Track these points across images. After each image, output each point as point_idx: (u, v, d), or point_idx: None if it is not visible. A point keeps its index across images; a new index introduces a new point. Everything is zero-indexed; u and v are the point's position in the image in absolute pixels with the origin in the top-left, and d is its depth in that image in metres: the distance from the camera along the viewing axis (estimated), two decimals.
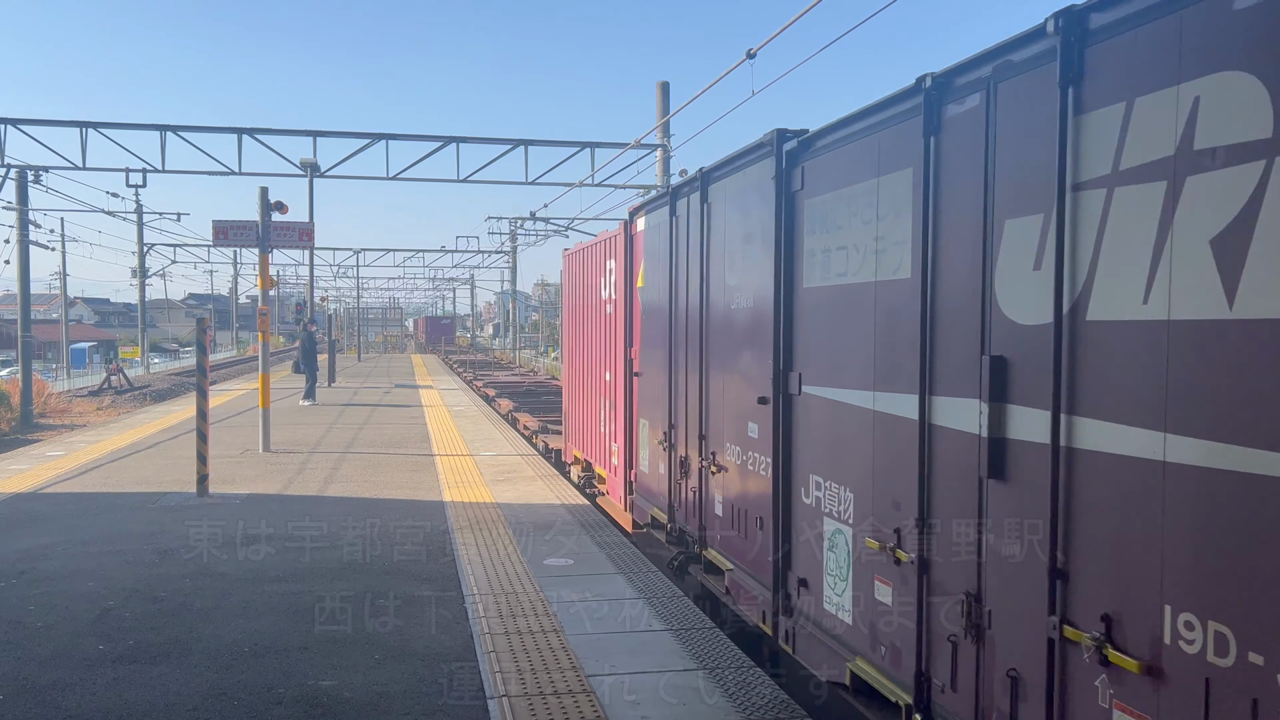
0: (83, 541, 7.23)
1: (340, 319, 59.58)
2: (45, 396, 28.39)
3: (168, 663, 4.65)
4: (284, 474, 10.60)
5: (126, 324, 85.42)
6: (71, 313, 62.68)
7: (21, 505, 8.74)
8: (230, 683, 4.40)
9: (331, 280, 61.61)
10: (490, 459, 11.77)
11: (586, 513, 8.39)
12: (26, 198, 25.81)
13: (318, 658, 4.72)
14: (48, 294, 78.01)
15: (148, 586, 5.98)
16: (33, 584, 6.06)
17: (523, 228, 39.45)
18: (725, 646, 4.83)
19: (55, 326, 56.24)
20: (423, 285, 72.82)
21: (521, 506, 8.67)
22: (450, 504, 8.80)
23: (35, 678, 4.46)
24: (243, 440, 13.31)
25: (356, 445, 13.17)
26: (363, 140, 21.79)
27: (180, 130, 20.92)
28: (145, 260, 46.06)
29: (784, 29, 10.37)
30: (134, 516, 8.21)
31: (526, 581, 6.07)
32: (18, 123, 20.65)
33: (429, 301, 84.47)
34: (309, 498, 9.22)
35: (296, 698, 4.23)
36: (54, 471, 10.73)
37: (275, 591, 5.86)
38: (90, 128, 20.64)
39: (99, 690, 4.32)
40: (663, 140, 23.00)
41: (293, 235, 13.33)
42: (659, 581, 6.07)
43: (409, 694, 4.25)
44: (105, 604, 5.62)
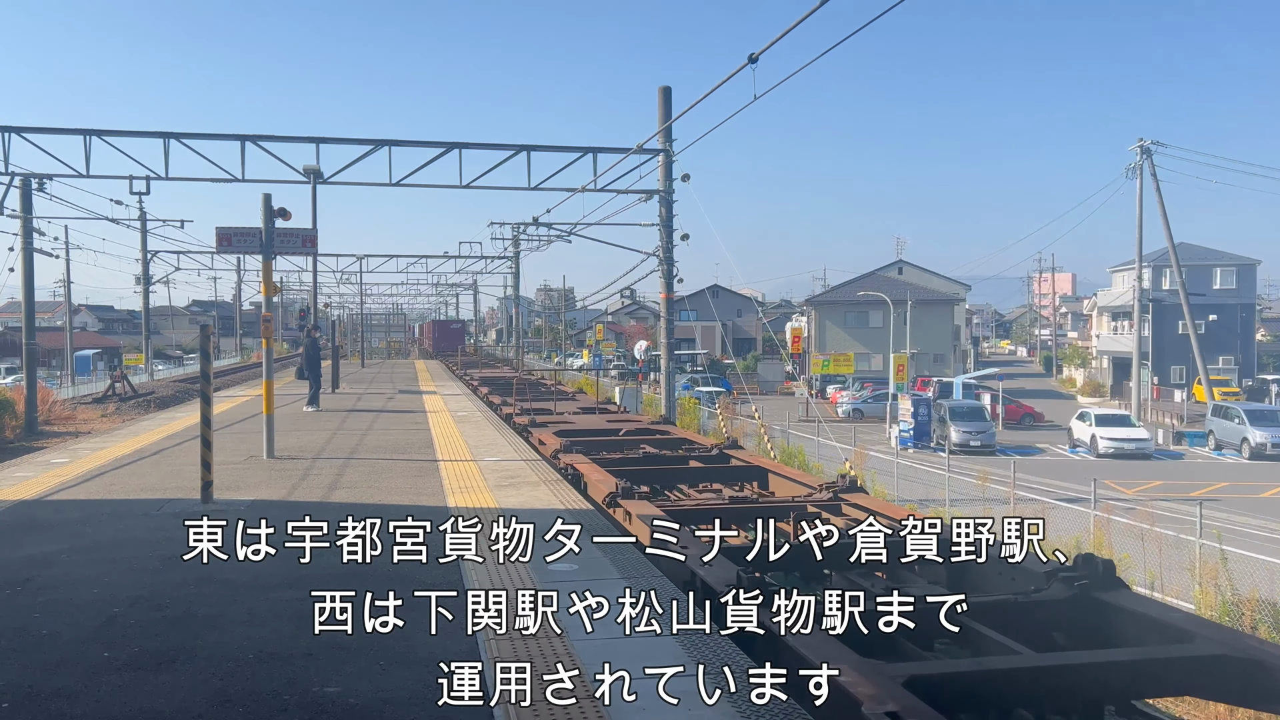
0: (87, 549, 7.24)
1: (344, 325, 59.67)
2: (50, 404, 28.46)
3: (172, 670, 4.66)
4: (288, 480, 10.61)
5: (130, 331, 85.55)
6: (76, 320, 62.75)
7: (26, 512, 8.75)
8: (235, 689, 4.40)
9: (335, 286, 61.70)
10: (494, 464, 11.77)
11: (591, 518, 8.38)
12: (31, 205, 25.89)
13: (322, 664, 4.72)
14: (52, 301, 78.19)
15: (152, 594, 5.99)
16: (37, 591, 6.07)
17: (525, 233, 39.52)
18: (728, 649, 4.83)
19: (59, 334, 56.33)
20: (426, 291, 72.89)
21: (526, 512, 8.67)
22: (454, 510, 8.80)
23: (40, 685, 4.46)
24: (247, 446, 13.33)
25: (360, 451, 13.18)
26: (366, 147, 21.85)
27: (184, 137, 20.98)
28: (149, 267, 46.16)
29: (785, 33, 10.38)
30: (138, 524, 8.22)
31: (529, 586, 6.06)
32: (22, 131, 20.72)
33: (432, 308, 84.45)
34: (313, 504, 9.22)
35: (301, 704, 4.23)
36: (58, 479, 10.75)
37: (279, 598, 5.86)
38: (94, 135, 20.69)
39: (104, 697, 4.32)
40: (664, 145, 23.02)
41: (296, 242, 13.35)
42: (662, 585, 6.06)
43: (413, 699, 4.26)
44: (110, 611, 5.63)
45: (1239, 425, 37.65)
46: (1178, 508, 20.03)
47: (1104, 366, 66.33)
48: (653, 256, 25.02)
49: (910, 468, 25.98)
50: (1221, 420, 39.23)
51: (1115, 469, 32.74)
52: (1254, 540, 17.75)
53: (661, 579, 6.26)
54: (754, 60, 12.37)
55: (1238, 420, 37.94)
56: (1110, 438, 36.79)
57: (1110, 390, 61.54)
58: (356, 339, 58.19)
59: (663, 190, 23.48)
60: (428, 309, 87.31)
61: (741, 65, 12.59)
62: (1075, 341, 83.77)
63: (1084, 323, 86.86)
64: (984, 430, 38.48)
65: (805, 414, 47.25)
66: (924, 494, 22.60)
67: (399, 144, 21.90)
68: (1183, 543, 15.42)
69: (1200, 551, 14.79)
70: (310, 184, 22.01)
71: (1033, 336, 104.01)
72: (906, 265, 79.89)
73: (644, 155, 22.80)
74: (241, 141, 21.10)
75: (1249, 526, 20.53)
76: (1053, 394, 65.64)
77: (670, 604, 5.65)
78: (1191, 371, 51.42)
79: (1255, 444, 36.22)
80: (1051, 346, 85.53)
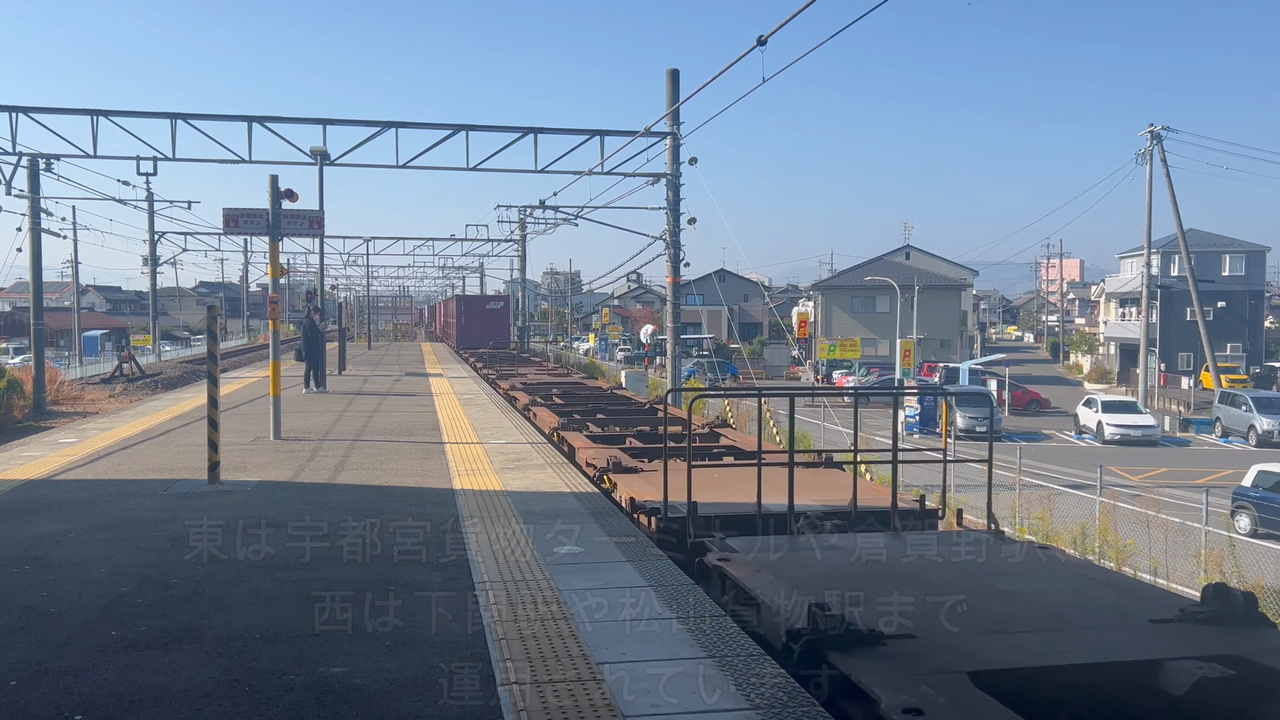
0: (95, 528, 7.27)
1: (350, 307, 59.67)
2: (58, 384, 28.57)
3: (180, 649, 4.68)
4: (295, 461, 10.63)
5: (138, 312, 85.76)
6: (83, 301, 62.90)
7: (34, 492, 8.79)
8: (242, 669, 4.42)
9: (341, 268, 61.68)
10: (499, 446, 11.79)
11: (596, 500, 8.39)
12: (38, 186, 25.90)
13: (328, 645, 4.74)
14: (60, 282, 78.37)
15: (159, 573, 6.02)
16: (45, 570, 6.10)
17: (532, 216, 39.41)
18: (735, 635, 4.83)
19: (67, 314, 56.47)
20: (432, 273, 72.75)
21: (531, 494, 8.68)
22: (460, 492, 8.82)
23: (48, 663, 4.49)
24: (254, 428, 13.36)
25: (367, 433, 13.20)
26: (373, 128, 21.77)
27: (190, 118, 20.93)
28: (156, 248, 46.21)
29: (795, 15, 10.31)
30: (146, 504, 8.25)
31: (536, 569, 6.08)
32: (29, 111, 20.69)
33: (438, 290, 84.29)
34: (320, 485, 9.25)
35: (308, 684, 4.25)
36: (66, 459, 10.79)
37: (286, 579, 5.89)
38: (101, 115, 20.66)
39: (111, 676, 4.34)
40: (672, 128, 22.92)
41: (303, 223, 13.34)
42: (668, 570, 6.07)
43: (419, 681, 4.27)
44: (117, 590, 5.66)
45: (1246, 412, 37.56)
46: (1184, 495, 20.01)
47: (1111, 353, 66.13)
48: (659, 240, 24.97)
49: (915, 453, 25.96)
50: (1229, 407, 39.13)
51: (1122, 455, 32.69)
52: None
53: (667, 563, 6.26)
54: (763, 42, 12.31)
55: (1245, 407, 37.84)
56: (1117, 424, 36.72)
57: (1117, 377, 61.36)
58: (363, 321, 58.23)
59: (670, 173, 23.40)
60: (434, 291, 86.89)
61: (750, 47, 12.53)
62: (1083, 328, 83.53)
63: (1091, 309, 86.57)
64: (990, 416, 38.41)
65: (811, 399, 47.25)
66: (927, 479, 22.58)
67: (406, 126, 21.82)
68: (1188, 529, 15.41)
69: (1206, 538, 14.78)
70: (317, 165, 21.94)
71: (1040, 322, 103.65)
72: (914, 250, 79.66)
73: (651, 138, 22.70)
74: (248, 123, 21.05)
75: None
76: (1060, 380, 65.49)
77: (674, 589, 5.66)
78: (1199, 358, 51.26)
79: (1262, 431, 36.14)
80: (1059, 333, 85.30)
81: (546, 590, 5.61)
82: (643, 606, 5.32)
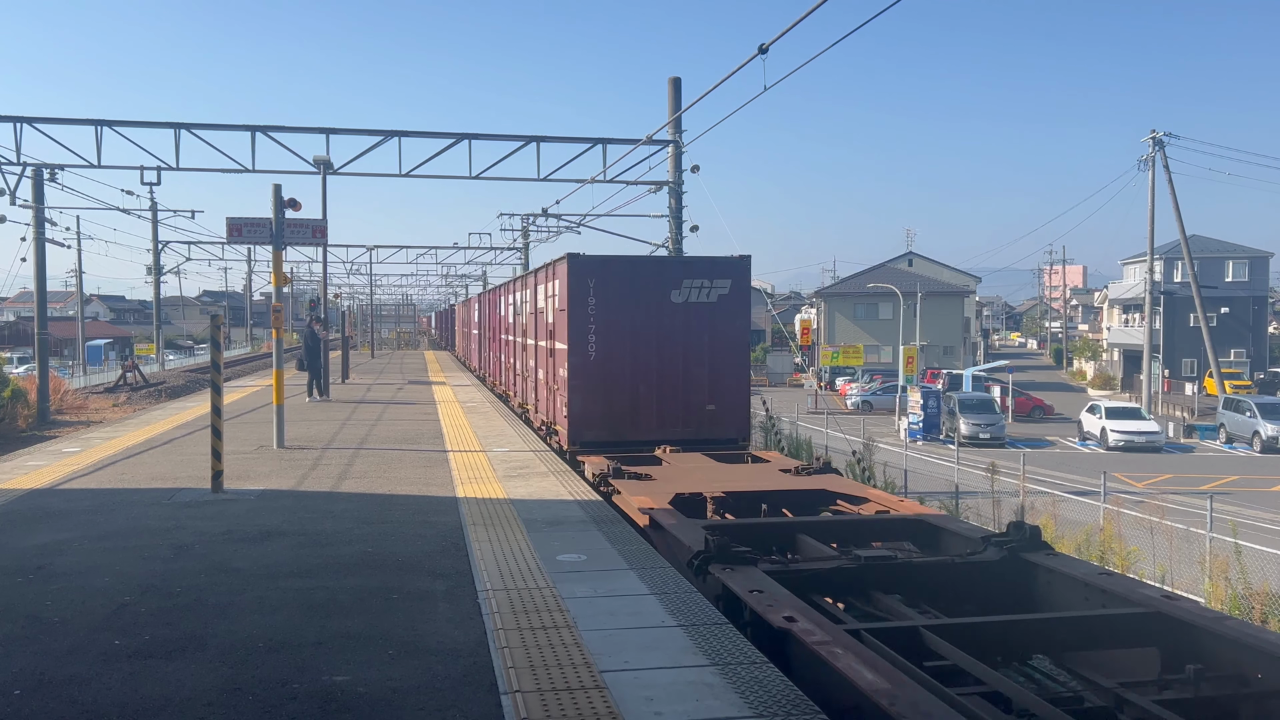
0: (98, 537, 7.28)
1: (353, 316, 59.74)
2: (62, 393, 28.62)
3: (183, 658, 4.68)
4: (298, 470, 10.64)
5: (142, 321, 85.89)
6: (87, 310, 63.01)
7: (38, 501, 8.80)
8: (245, 678, 4.42)
9: (345, 277, 61.78)
10: (503, 454, 11.79)
11: (599, 508, 8.39)
12: (43, 196, 25.95)
13: (332, 653, 4.74)
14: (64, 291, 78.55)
15: (163, 582, 6.02)
16: (49, 579, 6.11)
17: (535, 224, 39.45)
18: (739, 643, 4.82)
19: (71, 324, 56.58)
20: (435, 282, 72.79)
21: (534, 502, 8.68)
22: (463, 500, 8.82)
23: (52, 672, 4.49)
24: (257, 436, 13.37)
25: (370, 441, 13.21)
26: (375, 137, 21.85)
27: (194, 128, 21.01)
28: (160, 258, 46.31)
29: (796, 23, 10.33)
30: (149, 512, 8.26)
31: (539, 577, 6.08)
32: (34, 121, 20.78)
33: (441, 299, 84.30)
34: (323, 493, 9.25)
35: (311, 693, 4.24)
36: (70, 468, 10.80)
37: (289, 587, 5.89)
38: (105, 126, 20.74)
39: (115, 685, 4.34)
40: (674, 136, 22.95)
41: (306, 232, 13.35)
42: (671, 577, 6.07)
43: (423, 689, 4.26)
44: (121, 599, 5.66)
45: (1250, 418, 37.47)
46: (1188, 501, 19.96)
47: (1115, 359, 66.07)
48: (662, 248, 24.98)
49: (919, 460, 25.94)
50: (1233, 413, 39.05)
51: (1125, 462, 32.63)
52: (1265, 534, 17.67)
53: (670, 570, 6.26)
54: (764, 51, 12.32)
55: (1249, 413, 37.76)
56: (1121, 430, 36.66)
57: (1121, 383, 61.30)
58: (366, 330, 58.29)
59: (672, 181, 23.42)
60: (437, 300, 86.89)
61: (752, 55, 12.53)
62: (1086, 334, 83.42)
63: (1095, 315, 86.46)
64: (994, 423, 38.38)
65: (814, 406, 47.24)
66: (932, 487, 22.57)
67: (409, 135, 21.88)
68: (1193, 536, 15.37)
69: (1210, 545, 14.74)
70: (320, 175, 22.00)
71: (1043, 329, 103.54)
72: (916, 257, 79.63)
73: (653, 146, 22.74)
74: (252, 132, 21.12)
75: (1260, 520, 20.45)
76: (1063, 386, 65.41)
77: (678, 596, 5.66)
78: (1203, 364, 51.19)
79: (1266, 437, 36.05)
80: (1062, 339, 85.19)
81: (549, 598, 5.61)
82: (645, 614, 5.32)
